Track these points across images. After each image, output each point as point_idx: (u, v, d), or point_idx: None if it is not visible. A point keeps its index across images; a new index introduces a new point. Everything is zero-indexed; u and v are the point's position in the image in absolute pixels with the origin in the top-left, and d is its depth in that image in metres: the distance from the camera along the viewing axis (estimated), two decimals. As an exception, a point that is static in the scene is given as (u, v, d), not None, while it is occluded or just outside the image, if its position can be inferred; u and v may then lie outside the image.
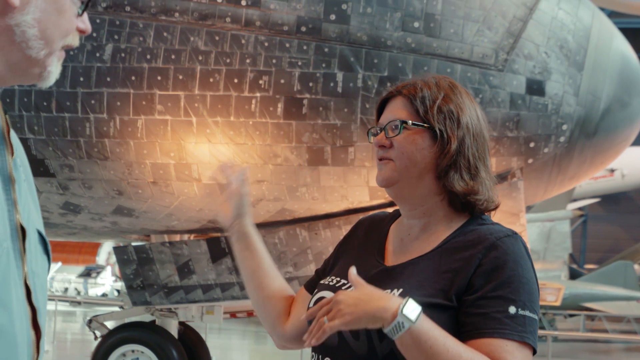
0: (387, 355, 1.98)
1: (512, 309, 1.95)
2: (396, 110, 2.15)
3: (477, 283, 1.98)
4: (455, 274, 2.01)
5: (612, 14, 25.92)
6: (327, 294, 2.13)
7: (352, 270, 1.97)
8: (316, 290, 2.20)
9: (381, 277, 2.10)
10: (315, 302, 2.13)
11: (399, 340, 1.88)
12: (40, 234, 1.73)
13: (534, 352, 2.00)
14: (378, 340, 1.98)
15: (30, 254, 1.66)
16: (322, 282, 2.23)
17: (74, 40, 1.72)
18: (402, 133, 2.11)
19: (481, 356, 1.90)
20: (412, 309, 1.87)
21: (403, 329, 1.86)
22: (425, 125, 2.10)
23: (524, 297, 1.97)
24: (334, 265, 2.29)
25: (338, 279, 2.18)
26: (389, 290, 2.03)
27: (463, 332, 1.97)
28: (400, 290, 2.02)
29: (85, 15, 1.72)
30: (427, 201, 2.13)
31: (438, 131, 2.09)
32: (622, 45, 6.74)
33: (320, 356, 2.11)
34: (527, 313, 1.96)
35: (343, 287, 2.13)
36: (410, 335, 1.86)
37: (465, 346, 1.91)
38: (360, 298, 1.89)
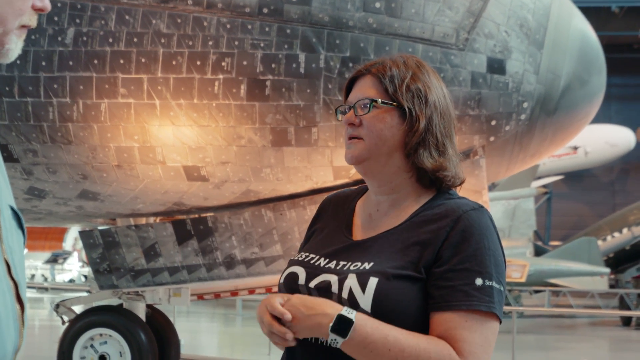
0: None
1: (478, 281, 1.99)
2: (365, 88, 2.18)
3: (444, 255, 2.03)
4: (423, 246, 2.06)
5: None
6: (297, 269, 2.17)
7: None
8: (287, 266, 2.25)
9: (350, 251, 2.15)
10: (285, 278, 2.18)
11: (341, 347, 1.98)
12: (12, 209, 1.74)
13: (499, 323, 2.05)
14: None
15: (6, 230, 1.68)
16: (292, 258, 2.27)
17: (31, 20, 1.71)
18: (371, 111, 2.15)
19: (428, 343, 1.96)
20: (341, 323, 1.96)
21: (337, 344, 1.97)
22: (394, 103, 2.14)
23: (490, 269, 2.01)
24: (306, 244, 2.34)
25: (307, 254, 2.23)
26: (358, 264, 2.08)
27: (431, 304, 2.01)
28: (372, 263, 2.06)
29: None
30: (395, 178, 2.17)
31: (407, 109, 2.13)
32: (582, 23, 6.82)
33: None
34: (493, 284, 2.01)
35: (312, 261, 2.18)
36: (348, 346, 1.96)
37: (411, 338, 1.97)
38: (302, 311, 1.99)
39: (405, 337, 1.96)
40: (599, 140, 28.93)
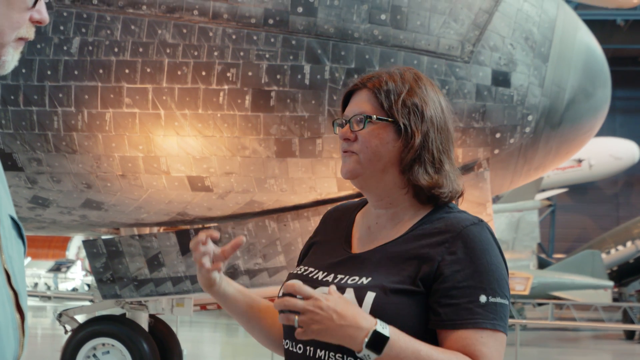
0: None
1: (482, 298, 1.99)
2: (361, 103, 2.16)
3: (446, 271, 2.01)
4: (421, 260, 2.04)
5: (577, 7, 26.13)
6: (295, 283, 2.16)
7: (332, 288, 1.97)
8: (286, 279, 2.22)
9: (348, 264, 2.13)
10: (283, 292, 2.16)
11: None
12: (12, 219, 1.74)
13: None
14: None
15: (5, 239, 1.67)
16: (291, 271, 2.26)
17: (29, 33, 1.70)
18: (366, 127, 2.13)
19: (456, 358, 1.94)
20: (377, 340, 1.90)
21: (369, 359, 1.91)
22: (390, 119, 2.12)
23: (494, 285, 2.01)
24: (305, 255, 2.32)
25: (305, 267, 2.21)
26: (356, 278, 2.06)
27: (435, 321, 2.00)
28: (369, 278, 2.05)
29: (42, 6, 1.71)
30: (392, 193, 2.16)
31: (402, 126, 2.11)
32: (587, 36, 6.83)
33: (293, 343, 2.14)
34: (497, 300, 2.00)
35: (310, 275, 2.16)
36: None
37: (440, 354, 1.94)
38: (334, 319, 1.89)
39: (436, 352, 1.94)
40: (604, 153, 28.90)
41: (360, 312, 1.93)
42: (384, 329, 1.91)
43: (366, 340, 1.89)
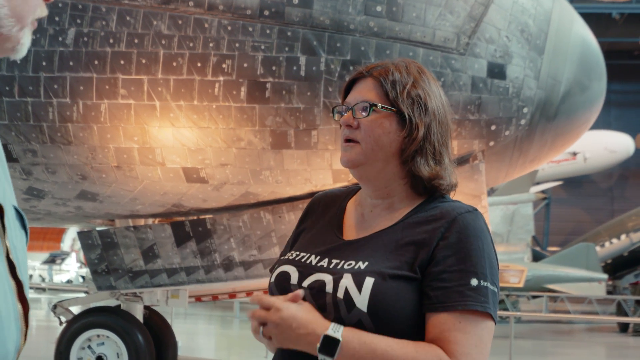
0: (355, 325, 2.02)
1: (473, 281, 2.00)
2: (365, 91, 2.16)
3: (439, 256, 2.03)
4: (418, 246, 2.06)
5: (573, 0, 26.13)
6: (289, 268, 2.16)
7: (299, 293, 2.04)
8: (277, 265, 2.23)
9: (342, 250, 2.14)
10: (276, 278, 2.17)
11: None
12: (16, 209, 1.74)
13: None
14: (346, 311, 2.02)
15: (10, 229, 1.68)
16: (282, 257, 2.26)
17: (43, 11, 1.73)
18: (370, 115, 2.13)
19: (417, 352, 1.97)
20: (327, 344, 1.96)
21: None
22: (394, 109, 2.13)
23: (485, 270, 2.03)
24: (295, 242, 2.33)
25: (297, 252, 2.21)
26: (352, 262, 2.07)
27: (427, 304, 2.02)
28: (366, 263, 2.05)
29: None
30: (390, 183, 2.17)
31: (407, 116, 2.12)
32: (582, 29, 6.83)
33: None
34: (488, 285, 2.02)
35: (303, 260, 2.17)
36: None
37: (399, 349, 1.97)
38: (293, 327, 1.98)
39: (393, 348, 1.96)
40: (598, 146, 28.96)
41: (316, 319, 2.00)
42: (336, 332, 1.96)
43: (318, 345, 1.96)
